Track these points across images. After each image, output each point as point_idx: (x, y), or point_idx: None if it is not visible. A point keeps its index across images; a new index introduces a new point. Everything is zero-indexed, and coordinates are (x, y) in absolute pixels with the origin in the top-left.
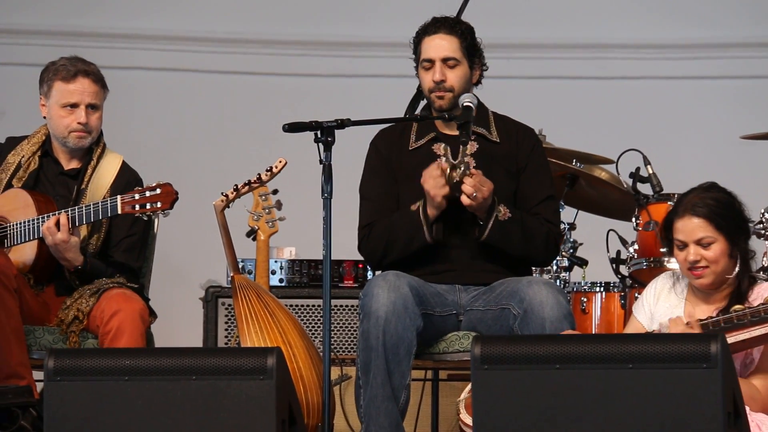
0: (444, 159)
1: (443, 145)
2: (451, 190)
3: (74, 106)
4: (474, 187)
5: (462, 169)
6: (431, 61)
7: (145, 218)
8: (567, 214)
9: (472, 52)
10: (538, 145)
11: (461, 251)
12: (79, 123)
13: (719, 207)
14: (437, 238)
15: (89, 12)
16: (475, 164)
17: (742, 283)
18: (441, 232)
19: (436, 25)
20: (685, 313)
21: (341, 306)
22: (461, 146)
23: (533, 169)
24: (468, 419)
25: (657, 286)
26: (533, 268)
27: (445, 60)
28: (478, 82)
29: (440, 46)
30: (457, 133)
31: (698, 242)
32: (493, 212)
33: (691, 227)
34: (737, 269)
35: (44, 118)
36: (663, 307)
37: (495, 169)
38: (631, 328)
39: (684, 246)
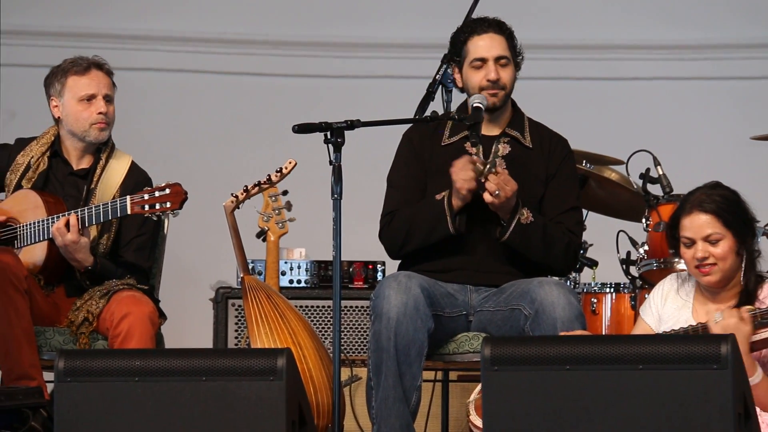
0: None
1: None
2: (478, 186)
3: (92, 98)
4: (497, 185)
5: (488, 167)
6: (484, 60)
7: (155, 218)
8: None
9: (516, 53)
10: (570, 155)
11: (479, 250)
12: (100, 113)
13: (726, 204)
14: (460, 229)
15: (98, 13)
16: (505, 165)
17: (749, 282)
18: (464, 225)
19: (485, 25)
20: (694, 314)
21: (351, 307)
22: (493, 146)
23: (562, 179)
24: (478, 421)
25: (664, 287)
26: None
27: (497, 59)
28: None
29: (492, 45)
30: (492, 133)
31: (706, 239)
32: (516, 214)
33: (699, 223)
34: (743, 267)
35: (57, 119)
36: (670, 308)
37: (524, 173)
38: (638, 330)
39: (691, 243)
